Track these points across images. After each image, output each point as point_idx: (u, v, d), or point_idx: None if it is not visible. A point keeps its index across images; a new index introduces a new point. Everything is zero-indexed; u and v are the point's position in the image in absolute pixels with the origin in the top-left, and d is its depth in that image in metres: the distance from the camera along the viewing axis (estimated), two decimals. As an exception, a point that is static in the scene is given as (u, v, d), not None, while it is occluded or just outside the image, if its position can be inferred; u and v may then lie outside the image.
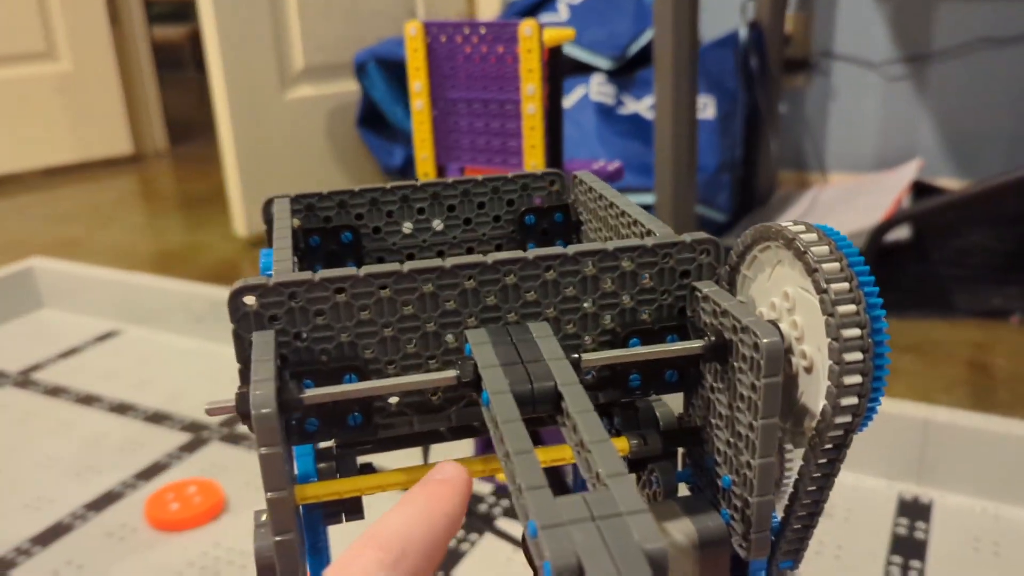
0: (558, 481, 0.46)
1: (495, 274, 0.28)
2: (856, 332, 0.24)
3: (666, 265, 0.29)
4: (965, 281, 1.16)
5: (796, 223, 0.27)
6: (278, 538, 0.23)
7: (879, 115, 1.50)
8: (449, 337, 0.28)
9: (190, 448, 0.85)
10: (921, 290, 1.15)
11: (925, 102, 1.47)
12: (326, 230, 0.37)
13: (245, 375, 0.27)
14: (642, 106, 1.31)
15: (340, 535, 0.30)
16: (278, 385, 0.24)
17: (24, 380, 1.00)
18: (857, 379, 0.24)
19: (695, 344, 0.27)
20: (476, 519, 0.72)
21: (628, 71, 1.36)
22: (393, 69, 1.43)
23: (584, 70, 1.36)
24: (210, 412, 0.24)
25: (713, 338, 0.27)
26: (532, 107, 0.62)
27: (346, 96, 1.60)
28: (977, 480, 0.73)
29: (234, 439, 0.87)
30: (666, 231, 0.30)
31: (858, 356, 0.24)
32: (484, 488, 0.76)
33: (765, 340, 0.25)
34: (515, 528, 0.70)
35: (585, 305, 0.29)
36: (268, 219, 0.37)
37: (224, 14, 1.43)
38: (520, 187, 0.39)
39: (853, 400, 0.25)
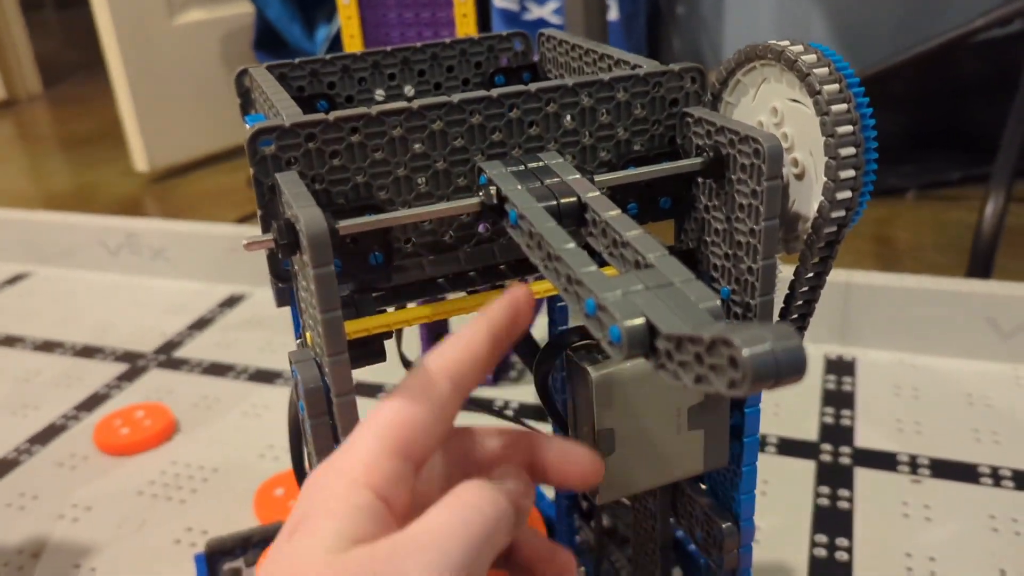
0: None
1: (500, 108, 0.29)
2: (849, 128, 0.26)
3: (657, 94, 0.30)
4: (863, 163, 1.22)
5: (783, 40, 0.29)
6: (334, 358, 0.24)
7: (773, 11, 1.54)
8: (459, 175, 0.29)
9: (128, 377, 0.83)
10: (824, 174, 1.20)
11: (814, -4, 1.51)
12: (300, 99, 0.37)
13: (266, 220, 0.27)
14: (546, 11, 1.31)
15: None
16: (319, 214, 0.24)
17: (-66, 329, 0.96)
18: (851, 173, 0.27)
19: (695, 161, 0.29)
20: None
21: (530, -23, 1.35)
22: (288, -15, 1.39)
23: (486, -22, 1.34)
24: (248, 246, 0.24)
25: (711, 154, 0.29)
26: (464, -6, 0.61)
27: (240, 18, 1.54)
28: (894, 335, 0.79)
29: (174, 364, 0.85)
30: (653, 63, 0.31)
31: (851, 151, 0.26)
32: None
33: (767, 144, 0.27)
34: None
35: (583, 139, 0.30)
36: (243, 91, 0.36)
37: (99, -63, 1.35)
38: (487, 48, 0.39)
39: (847, 194, 0.27)
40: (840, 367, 0.78)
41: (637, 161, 0.31)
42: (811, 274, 0.29)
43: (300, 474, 0.34)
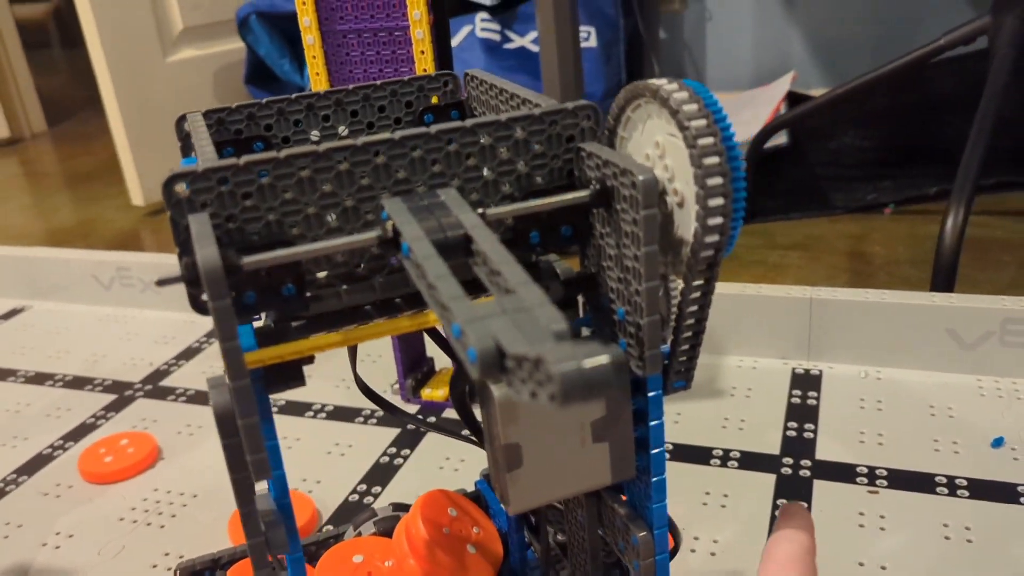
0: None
1: (403, 148, 0.31)
2: (716, 160, 0.28)
3: (553, 131, 0.33)
4: (841, 180, 1.24)
5: (660, 80, 0.31)
6: (235, 384, 0.26)
7: (753, 33, 1.57)
8: (367, 211, 0.31)
9: (116, 407, 0.86)
10: (802, 191, 1.23)
11: (795, 17, 1.54)
12: (238, 141, 0.39)
13: (183, 259, 0.29)
14: (527, 40, 1.34)
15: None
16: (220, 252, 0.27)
17: (-69, 364, 0.99)
18: (720, 201, 0.29)
19: (583, 193, 0.31)
20: (407, 435, 0.76)
21: (511, 7, 1.38)
22: (276, 22, 1.42)
23: (468, 9, 1.38)
24: (160, 283, 0.27)
25: (598, 186, 0.31)
26: (420, 32, 0.64)
27: (231, 54, 1.58)
28: (859, 348, 0.81)
29: (160, 393, 0.88)
30: (552, 102, 0.34)
31: (719, 180, 0.29)
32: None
33: (641, 177, 0.29)
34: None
35: (485, 173, 0.32)
36: (183, 135, 0.39)
37: (94, -20, 1.39)
38: (417, 88, 0.42)
39: (718, 220, 0.29)
40: (806, 382, 0.79)
41: (539, 193, 0.33)
42: (696, 294, 0.31)
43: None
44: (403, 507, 0.58)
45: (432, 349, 0.87)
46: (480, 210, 0.31)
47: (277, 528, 0.30)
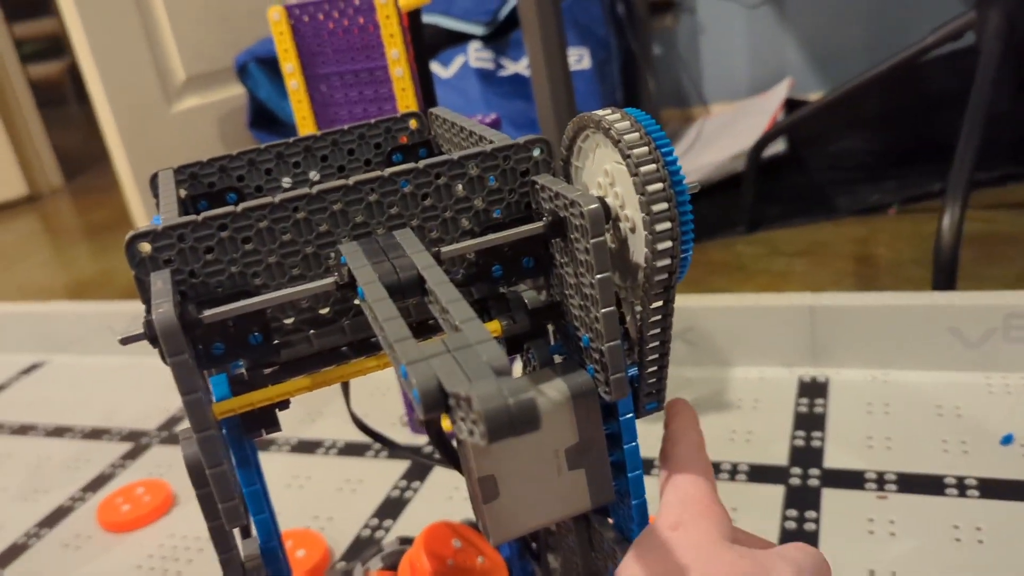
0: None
1: (358, 194, 0.32)
2: (659, 186, 0.29)
3: (507, 166, 0.33)
4: (843, 183, 1.24)
5: (604, 110, 0.32)
6: (200, 435, 0.27)
7: (747, 43, 1.58)
8: (327, 257, 0.32)
9: (132, 455, 0.87)
10: (805, 198, 1.23)
11: (788, 24, 1.55)
12: (211, 194, 0.40)
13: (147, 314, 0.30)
14: (521, 66, 1.35)
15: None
16: (179, 309, 0.27)
17: (-46, 423, 1.01)
18: (667, 225, 0.29)
19: (537, 225, 0.32)
20: (417, 468, 0.76)
21: (503, 34, 1.40)
22: (275, 66, 1.45)
23: (461, 39, 1.40)
24: (123, 341, 0.28)
25: (551, 218, 0.32)
26: (400, 70, 0.65)
27: (233, 100, 1.61)
28: (864, 352, 0.80)
29: (174, 440, 0.89)
30: (504, 138, 0.34)
31: (664, 206, 0.29)
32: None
33: (587, 207, 0.29)
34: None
35: (443, 213, 0.33)
36: (156, 192, 0.40)
37: (98, 40, 1.43)
38: (384, 130, 0.43)
39: (668, 244, 0.30)
40: (813, 389, 0.79)
41: (498, 227, 0.34)
42: (657, 317, 0.32)
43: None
44: (408, 540, 0.58)
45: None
46: (437, 248, 0.31)
47: (260, 573, 0.30)
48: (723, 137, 1.39)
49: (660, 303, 0.32)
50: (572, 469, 0.34)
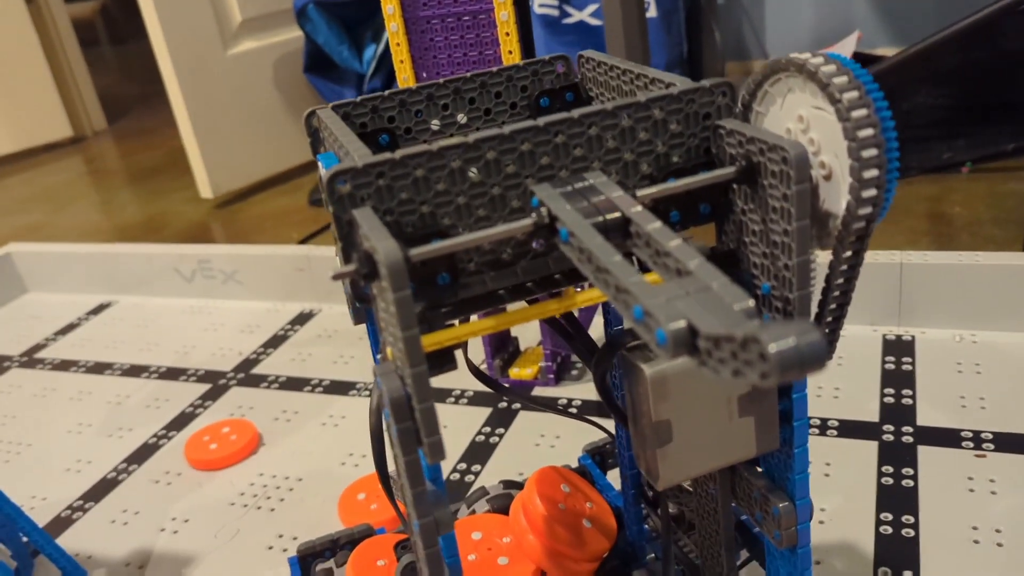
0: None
1: (547, 135, 0.31)
2: (871, 132, 0.28)
3: (690, 110, 0.33)
4: (915, 141, 1.22)
5: (803, 54, 0.31)
6: (414, 370, 0.27)
7: (813, -4, 1.54)
8: (512, 199, 0.32)
9: (212, 396, 0.88)
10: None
11: (855, -24, 1.51)
12: (364, 135, 0.40)
13: (347, 252, 0.30)
14: (586, 14, 1.33)
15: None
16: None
17: (29, 360, 1.02)
18: (875, 172, 0.29)
19: (728, 170, 0.32)
20: (500, 414, 0.77)
21: (568, -19, 1.37)
22: (334, 10, 1.43)
23: (525, -14, 1.37)
24: (336, 276, 0.28)
25: (744, 163, 0.31)
26: (505, 14, 0.64)
27: (290, 44, 1.60)
28: (951, 312, 0.80)
29: (252, 381, 0.90)
30: (685, 80, 0.34)
31: (874, 152, 0.28)
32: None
33: (793, 152, 0.29)
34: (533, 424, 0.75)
35: (625, 155, 0.33)
36: (312, 130, 0.40)
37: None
38: (531, 73, 0.42)
39: (873, 192, 0.29)
40: (899, 347, 0.79)
41: (676, 172, 0.33)
42: (844, 267, 0.31)
43: (384, 477, 0.37)
44: (513, 484, 0.59)
45: (516, 329, 0.87)
46: (630, 191, 0.31)
47: (443, 507, 0.31)
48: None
49: (850, 252, 0.31)
50: (742, 416, 0.34)
